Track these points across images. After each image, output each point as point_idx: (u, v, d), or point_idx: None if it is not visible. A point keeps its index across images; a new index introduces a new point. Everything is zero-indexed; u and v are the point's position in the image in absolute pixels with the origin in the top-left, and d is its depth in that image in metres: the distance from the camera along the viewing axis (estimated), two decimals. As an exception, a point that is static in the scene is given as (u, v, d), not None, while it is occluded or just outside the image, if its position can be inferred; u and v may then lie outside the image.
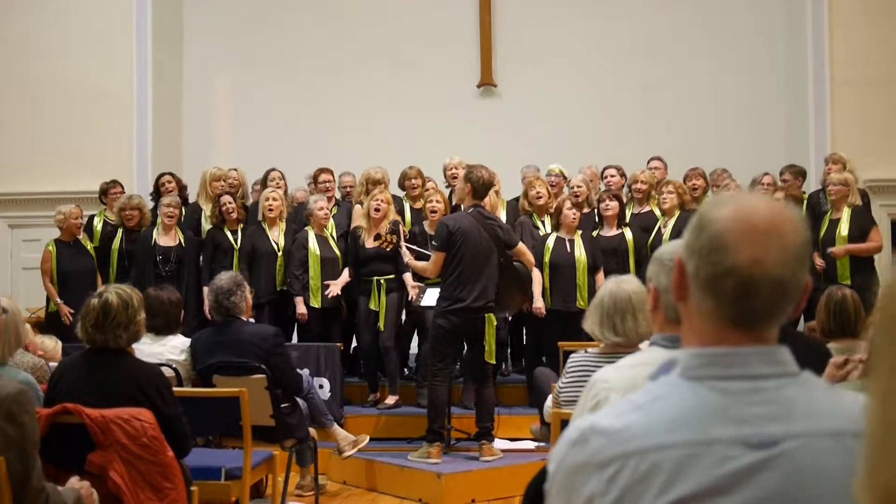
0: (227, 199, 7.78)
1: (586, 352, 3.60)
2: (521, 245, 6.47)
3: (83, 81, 9.78)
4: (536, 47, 10.40)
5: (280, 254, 7.54)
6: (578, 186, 7.88)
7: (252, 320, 5.81)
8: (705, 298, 1.29)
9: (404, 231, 7.24)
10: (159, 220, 7.85)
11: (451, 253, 6.15)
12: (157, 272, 7.55)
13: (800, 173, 8.41)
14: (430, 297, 6.75)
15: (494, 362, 6.49)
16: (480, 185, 6.28)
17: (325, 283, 7.35)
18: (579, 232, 7.35)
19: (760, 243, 1.25)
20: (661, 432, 1.22)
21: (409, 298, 7.26)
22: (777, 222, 1.27)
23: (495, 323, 6.33)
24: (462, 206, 6.51)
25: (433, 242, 6.61)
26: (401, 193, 8.23)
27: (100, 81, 9.81)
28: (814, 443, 1.21)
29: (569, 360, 3.66)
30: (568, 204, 7.33)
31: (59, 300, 7.79)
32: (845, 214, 7.58)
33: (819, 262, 7.48)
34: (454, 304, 6.15)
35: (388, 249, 6.85)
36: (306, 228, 7.58)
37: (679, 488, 1.19)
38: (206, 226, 7.99)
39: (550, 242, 7.30)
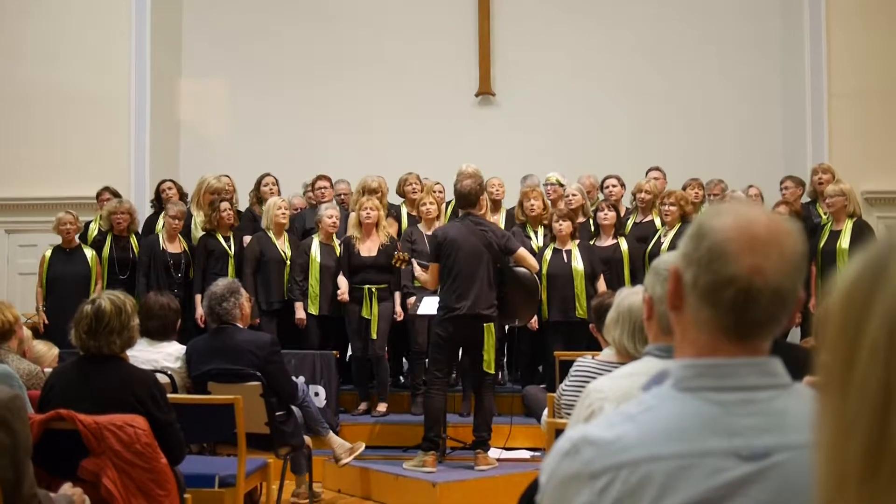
0: (225, 205, 7.79)
1: (593, 358, 3.57)
2: (521, 250, 6.43)
3: (81, 87, 9.78)
4: (535, 57, 10.41)
5: (288, 262, 7.55)
6: (574, 195, 7.89)
7: (248, 327, 5.78)
8: (703, 308, 1.29)
9: (401, 250, 7.21)
10: (161, 226, 7.84)
11: (444, 262, 6.16)
12: (171, 280, 7.59)
13: (800, 184, 8.39)
14: (427, 306, 6.74)
15: (493, 372, 6.47)
16: (459, 195, 6.35)
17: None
18: (576, 241, 7.35)
19: (760, 252, 1.26)
20: (653, 443, 1.22)
21: (394, 314, 7.30)
22: (776, 232, 1.28)
23: (495, 332, 6.31)
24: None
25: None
26: (398, 200, 8.24)
27: (97, 87, 9.80)
28: (805, 455, 1.20)
29: (575, 364, 3.63)
30: (555, 217, 7.38)
31: (40, 306, 7.74)
32: (847, 226, 7.52)
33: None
34: (450, 313, 6.14)
35: (401, 268, 6.88)
36: (313, 236, 7.62)
37: (670, 500, 1.19)
38: (197, 233, 7.91)
39: (547, 254, 7.33)
